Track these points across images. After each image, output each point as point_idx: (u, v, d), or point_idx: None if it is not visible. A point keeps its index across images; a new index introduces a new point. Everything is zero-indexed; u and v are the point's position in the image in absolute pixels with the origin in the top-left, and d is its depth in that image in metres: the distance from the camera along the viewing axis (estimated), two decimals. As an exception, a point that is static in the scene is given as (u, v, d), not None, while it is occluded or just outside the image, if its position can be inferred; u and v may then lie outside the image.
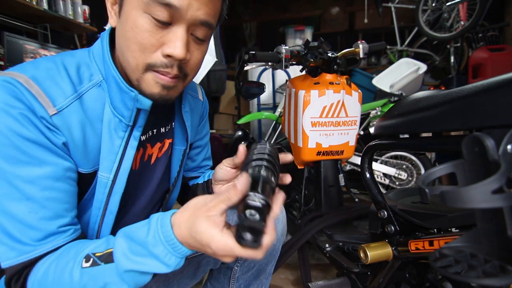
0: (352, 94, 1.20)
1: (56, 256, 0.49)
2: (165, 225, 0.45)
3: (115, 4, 0.55)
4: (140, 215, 0.71)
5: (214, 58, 2.27)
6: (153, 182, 0.70)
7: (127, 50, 0.52)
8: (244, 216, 0.39)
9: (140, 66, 0.52)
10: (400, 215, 0.77)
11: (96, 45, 0.59)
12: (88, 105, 0.54)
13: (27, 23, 2.31)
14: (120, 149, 0.57)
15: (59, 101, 0.51)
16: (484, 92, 0.47)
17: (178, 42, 0.51)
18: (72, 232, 0.53)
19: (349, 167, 2.16)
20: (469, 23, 2.97)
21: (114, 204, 0.59)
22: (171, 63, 0.52)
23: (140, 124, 0.59)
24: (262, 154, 0.52)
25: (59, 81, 0.52)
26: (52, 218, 0.50)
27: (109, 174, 0.57)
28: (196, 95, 0.79)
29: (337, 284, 0.96)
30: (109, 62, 0.55)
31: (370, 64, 4.69)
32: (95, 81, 0.56)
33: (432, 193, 0.37)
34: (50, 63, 0.53)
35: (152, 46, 0.51)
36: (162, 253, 0.45)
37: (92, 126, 0.55)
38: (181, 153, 0.73)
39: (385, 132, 0.70)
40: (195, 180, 0.83)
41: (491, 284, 0.34)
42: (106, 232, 0.61)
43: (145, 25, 0.50)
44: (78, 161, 0.54)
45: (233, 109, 3.84)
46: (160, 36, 0.51)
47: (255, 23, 5.69)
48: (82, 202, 0.59)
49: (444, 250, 0.41)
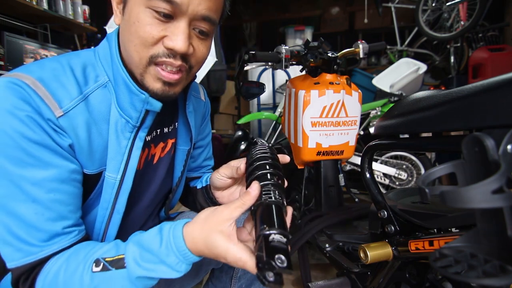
0: (352, 94, 1.20)
1: (65, 258, 0.50)
2: (177, 236, 0.47)
3: (120, 3, 0.55)
4: (143, 214, 0.71)
5: (214, 58, 2.28)
6: (156, 182, 0.71)
7: (130, 44, 0.53)
8: (272, 262, 0.36)
9: (144, 59, 0.53)
10: (400, 215, 0.77)
11: (102, 45, 0.59)
12: (93, 106, 0.55)
13: (27, 23, 2.31)
14: (126, 149, 0.58)
15: (65, 103, 0.51)
16: (484, 92, 0.47)
17: (180, 35, 0.51)
18: (77, 234, 0.53)
19: (349, 167, 2.16)
20: (469, 23, 2.97)
21: (121, 204, 0.60)
22: (173, 55, 0.53)
23: (146, 125, 0.59)
24: (264, 158, 0.51)
25: (65, 82, 0.52)
26: (57, 219, 0.50)
27: (117, 174, 0.58)
28: (198, 95, 0.79)
29: (337, 284, 0.96)
30: (118, 64, 0.55)
31: (370, 64, 4.69)
32: (100, 82, 0.56)
33: (432, 193, 0.37)
34: (56, 64, 0.53)
35: (154, 38, 0.51)
36: (174, 261, 0.47)
37: (97, 127, 0.55)
38: (185, 153, 0.73)
39: (385, 132, 0.70)
40: (194, 183, 0.83)
41: (491, 284, 0.34)
42: (113, 232, 0.61)
43: (146, 19, 0.50)
44: (83, 162, 0.55)
45: (233, 109, 3.84)
46: (162, 29, 0.51)
47: (255, 23, 5.69)
48: (88, 202, 0.59)
49: (444, 250, 0.41)
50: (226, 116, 3.89)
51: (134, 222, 0.70)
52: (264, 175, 0.50)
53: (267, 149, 0.55)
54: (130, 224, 0.68)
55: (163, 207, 0.79)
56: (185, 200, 0.86)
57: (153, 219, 0.77)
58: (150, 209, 0.73)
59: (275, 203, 0.44)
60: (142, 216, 0.71)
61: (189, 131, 0.72)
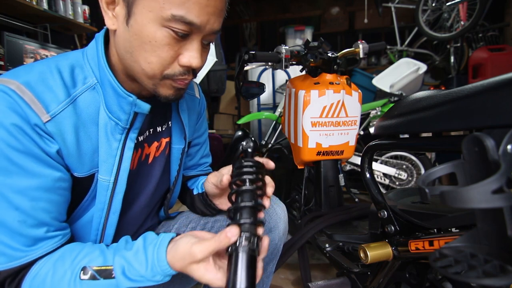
0: (352, 94, 1.20)
1: (52, 263, 0.50)
2: (161, 259, 0.49)
3: (112, 4, 0.53)
4: (141, 213, 0.71)
5: (214, 58, 2.28)
6: (151, 182, 0.70)
7: (144, 61, 0.53)
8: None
9: (158, 75, 0.54)
10: (400, 215, 0.77)
11: (90, 46, 0.58)
12: (81, 108, 0.54)
13: (27, 23, 2.30)
14: (118, 151, 0.58)
15: (52, 107, 0.51)
16: (484, 92, 0.47)
17: (196, 53, 0.53)
18: (61, 237, 0.54)
19: (349, 167, 2.16)
20: (469, 23, 2.97)
21: (117, 205, 0.60)
22: (188, 71, 0.55)
23: (136, 126, 0.59)
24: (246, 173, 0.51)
25: (52, 85, 0.52)
26: (40, 225, 0.51)
27: (110, 177, 0.58)
28: (193, 93, 0.79)
29: (337, 284, 0.96)
30: (104, 67, 0.55)
31: (370, 64, 4.69)
32: (89, 84, 0.56)
33: (432, 193, 0.37)
34: (44, 66, 0.53)
35: (171, 58, 0.53)
36: (159, 279, 0.51)
37: (86, 130, 0.55)
38: (180, 151, 0.73)
39: (385, 132, 0.70)
40: (192, 184, 0.83)
41: (491, 284, 0.34)
42: (111, 231, 0.62)
43: (165, 39, 0.50)
44: (73, 166, 0.55)
45: (233, 109, 3.84)
46: (178, 48, 0.52)
47: (255, 23, 5.69)
48: (84, 204, 0.59)
49: (444, 250, 0.41)
50: (226, 116, 3.89)
51: (132, 221, 0.70)
52: (245, 192, 0.50)
53: (250, 162, 0.54)
54: (128, 223, 0.68)
55: (162, 207, 0.79)
56: (184, 200, 0.86)
57: (152, 218, 0.77)
58: (147, 208, 0.73)
59: (248, 253, 0.45)
60: (139, 215, 0.71)
61: (183, 129, 0.72)
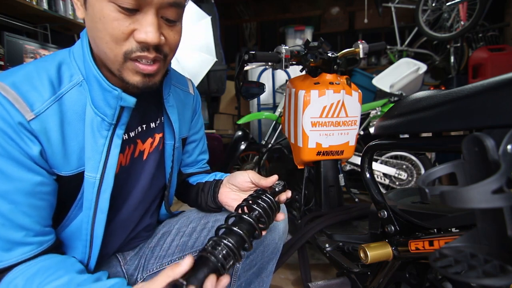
0: (352, 94, 1.20)
1: (24, 279, 0.49)
2: None
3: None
4: (136, 211, 0.70)
5: (214, 58, 2.27)
6: (145, 178, 0.70)
7: (101, 42, 0.51)
8: None
9: (118, 56, 0.52)
10: (400, 215, 0.77)
11: (77, 44, 0.58)
12: (68, 106, 0.54)
13: (27, 23, 2.31)
14: (104, 148, 0.57)
15: (37, 106, 0.51)
16: (484, 92, 0.47)
17: (149, 27, 0.50)
18: (42, 244, 0.53)
19: (349, 167, 2.16)
20: (469, 23, 2.97)
21: (104, 203, 0.59)
22: (146, 48, 0.52)
23: (123, 122, 0.59)
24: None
25: (38, 84, 0.52)
26: (19, 229, 0.50)
27: (96, 174, 0.57)
28: (186, 89, 0.78)
29: (337, 284, 0.96)
30: (89, 61, 0.55)
31: (370, 64, 4.69)
32: (75, 81, 0.56)
33: (432, 193, 0.37)
34: (31, 66, 0.53)
35: (124, 34, 0.50)
36: None
37: (72, 128, 0.55)
38: (171, 147, 0.73)
39: (385, 132, 0.70)
40: (197, 179, 0.83)
41: (491, 284, 0.34)
42: (100, 232, 0.60)
43: (111, 14, 0.48)
44: (58, 165, 0.54)
45: (233, 109, 3.84)
46: (130, 23, 0.50)
47: (255, 23, 5.69)
48: (76, 204, 0.59)
49: (444, 250, 0.41)
50: (226, 116, 3.90)
51: (126, 220, 0.69)
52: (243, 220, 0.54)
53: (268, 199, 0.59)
54: (122, 222, 0.68)
55: (160, 204, 0.78)
56: (187, 196, 0.86)
57: (150, 216, 0.77)
58: (143, 206, 0.72)
59: (213, 263, 0.46)
60: (135, 213, 0.70)
61: (171, 125, 0.71)
